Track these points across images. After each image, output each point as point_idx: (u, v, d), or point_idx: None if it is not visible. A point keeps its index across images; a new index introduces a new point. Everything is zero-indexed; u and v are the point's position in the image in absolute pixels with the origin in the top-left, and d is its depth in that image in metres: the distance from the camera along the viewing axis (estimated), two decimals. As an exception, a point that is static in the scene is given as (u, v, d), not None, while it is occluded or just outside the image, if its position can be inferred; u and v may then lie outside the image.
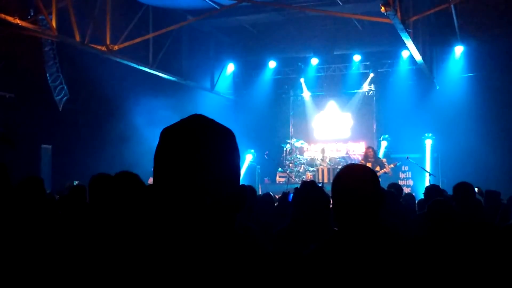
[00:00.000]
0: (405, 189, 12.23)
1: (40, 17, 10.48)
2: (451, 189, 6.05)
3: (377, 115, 17.23)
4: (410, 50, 12.00)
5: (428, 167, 14.87)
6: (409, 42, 11.00)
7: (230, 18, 14.46)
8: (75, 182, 9.60)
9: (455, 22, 13.88)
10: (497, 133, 14.76)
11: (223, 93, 17.87)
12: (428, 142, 15.49)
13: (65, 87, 11.94)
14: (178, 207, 1.26)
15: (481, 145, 14.64)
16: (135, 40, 12.36)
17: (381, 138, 15.96)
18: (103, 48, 11.66)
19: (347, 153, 16.58)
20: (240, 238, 1.34)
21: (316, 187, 3.84)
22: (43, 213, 4.11)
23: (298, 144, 16.72)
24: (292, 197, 3.94)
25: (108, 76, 12.61)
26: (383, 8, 8.77)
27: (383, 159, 14.31)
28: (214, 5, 12.82)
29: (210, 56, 17.10)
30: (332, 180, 2.35)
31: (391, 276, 2.06)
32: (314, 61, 17.33)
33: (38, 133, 11.73)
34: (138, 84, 13.63)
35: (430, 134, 15.51)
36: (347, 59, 17.22)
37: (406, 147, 15.01)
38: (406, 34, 10.44)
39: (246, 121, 17.07)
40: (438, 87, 15.92)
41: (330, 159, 15.83)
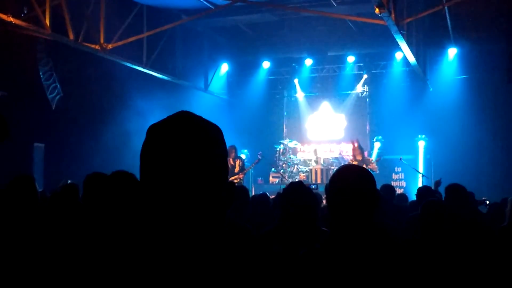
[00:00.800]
0: (398, 190, 12.27)
1: (34, 15, 10.43)
2: (443, 190, 6.08)
3: (371, 116, 17.28)
4: (404, 52, 12.05)
5: (421, 169, 14.92)
6: (403, 44, 11.03)
7: (225, 18, 14.46)
8: (69, 181, 9.56)
9: (449, 24, 13.94)
10: (490, 135, 14.84)
11: (217, 93, 17.86)
12: (421, 144, 15.56)
13: (58, 86, 11.88)
14: (166, 205, 1.24)
15: (474, 147, 14.72)
16: (129, 39, 12.33)
17: (375, 139, 16.00)
18: (97, 47, 11.64)
19: (340, 154, 16.61)
20: (231, 236, 1.33)
21: (304, 188, 3.81)
22: (35, 212, 4.09)
23: (292, 145, 16.73)
24: (279, 198, 3.90)
25: (102, 75, 12.56)
26: (377, 10, 8.80)
27: (370, 158, 14.37)
28: (209, 5, 12.82)
29: (204, 56, 17.09)
30: (328, 181, 2.35)
31: (387, 277, 2.06)
32: (308, 62, 17.36)
33: (31, 132, 11.67)
34: (132, 83, 13.59)
35: (423, 136, 15.57)
36: (341, 60, 17.26)
37: (399, 149, 15.06)
38: (400, 36, 10.47)
39: (240, 121, 17.08)
40: (432, 89, 15.98)
41: (324, 160, 15.85)
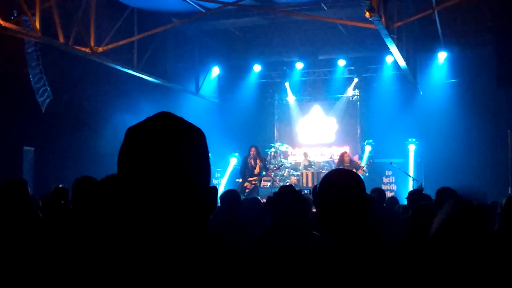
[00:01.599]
0: (389, 194, 12.30)
1: (24, 18, 10.37)
2: (434, 194, 6.11)
3: (361, 120, 17.32)
4: (394, 56, 12.09)
5: (411, 172, 14.97)
6: (393, 48, 11.08)
7: (216, 22, 14.45)
8: (60, 185, 9.50)
9: (439, 29, 14.01)
10: (479, 139, 14.92)
11: (208, 97, 17.84)
12: (412, 147, 15.60)
13: (48, 89, 11.82)
14: (143, 209, 1.19)
15: (464, 150, 14.79)
16: (120, 42, 12.28)
17: (365, 143, 16.03)
18: (87, 50, 11.58)
19: (331, 158, 16.63)
20: (213, 242, 1.30)
21: (294, 192, 3.80)
22: (26, 216, 4.07)
23: (283, 148, 16.73)
24: (270, 202, 3.90)
25: (92, 78, 12.52)
26: (368, 14, 8.82)
27: (358, 161, 14.42)
28: (200, 8, 12.82)
29: (195, 59, 17.07)
30: (318, 185, 2.35)
31: (377, 281, 2.06)
32: (299, 66, 17.37)
33: (21, 135, 11.60)
34: (123, 87, 13.56)
35: (414, 139, 15.62)
36: (332, 64, 17.29)
37: (390, 152, 15.09)
38: (391, 40, 10.51)
39: (231, 125, 17.08)
40: (422, 93, 16.05)
41: (314, 164, 15.87)
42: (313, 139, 17.61)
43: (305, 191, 10.35)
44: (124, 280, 1.21)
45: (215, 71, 17.91)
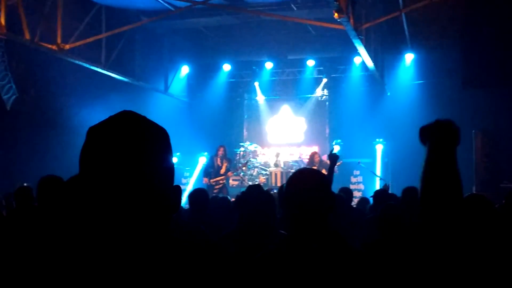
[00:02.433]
0: (356, 193, 12.42)
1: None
2: (400, 193, 6.21)
3: (330, 120, 17.46)
4: (362, 57, 12.21)
5: (379, 172, 15.15)
6: (361, 49, 11.19)
7: (185, 20, 14.38)
8: (25, 184, 9.34)
9: (406, 30, 14.21)
10: (445, 139, 15.15)
11: (177, 95, 17.76)
12: (379, 147, 15.78)
13: (14, 86, 11.60)
14: (107, 211, 1.18)
15: (430, 151, 15.00)
16: (87, 40, 12.13)
17: (334, 143, 16.14)
18: (54, 47, 11.40)
19: (300, 157, 16.72)
20: (177, 241, 1.29)
21: (261, 191, 3.82)
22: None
23: (252, 148, 16.75)
24: (238, 201, 3.90)
25: (59, 76, 12.32)
26: (337, 15, 8.90)
27: (327, 161, 14.49)
28: (169, 7, 12.74)
29: (164, 58, 16.97)
30: (285, 185, 2.36)
31: (340, 280, 2.08)
32: (269, 65, 17.42)
33: (-16, 133, 11.37)
34: (90, 85, 13.38)
35: (381, 139, 15.81)
36: (301, 64, 17.38)
37: (358, 152, 15.24)
38: (359, 41, 10.62)
39: (200, 124, 17.03)
40: (389, 93, 16.26)
41: (284, 163, 15.93)
42: (283, 139, 17.69)
43: (274, 191, 10.39)
44: (86, 278, 1.21)
45: (185, 70, 17.84)
